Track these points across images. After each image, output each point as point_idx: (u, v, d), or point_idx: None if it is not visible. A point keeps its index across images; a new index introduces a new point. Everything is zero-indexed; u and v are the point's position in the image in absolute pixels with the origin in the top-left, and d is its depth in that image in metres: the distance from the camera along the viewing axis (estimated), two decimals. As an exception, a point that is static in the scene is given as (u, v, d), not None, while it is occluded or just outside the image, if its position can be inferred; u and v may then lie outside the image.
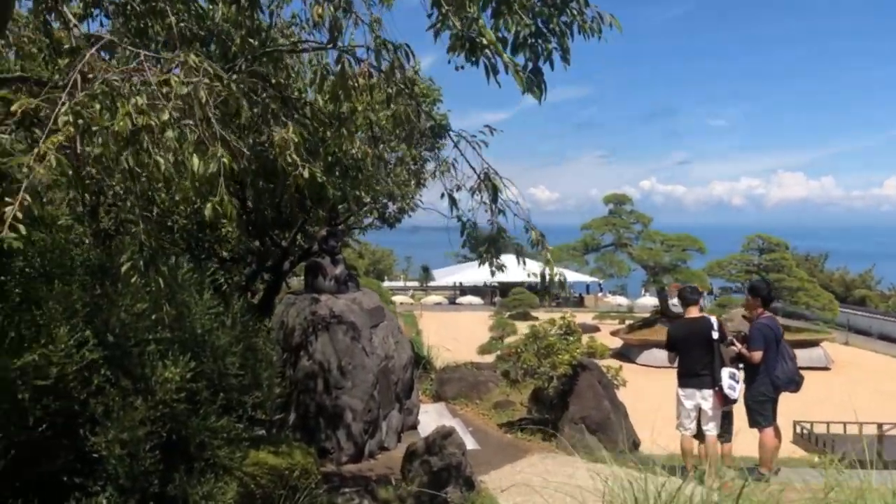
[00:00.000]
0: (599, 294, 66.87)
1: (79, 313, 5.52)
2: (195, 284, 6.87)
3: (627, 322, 44.56)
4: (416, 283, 71.92)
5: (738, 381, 8.34)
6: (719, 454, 8.30)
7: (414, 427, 11.08)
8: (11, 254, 6.16)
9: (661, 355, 34.46)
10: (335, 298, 10.12)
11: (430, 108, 12.30)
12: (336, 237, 10.62)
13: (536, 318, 40.82)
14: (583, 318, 39.91)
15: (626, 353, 35.30)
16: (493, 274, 5.56)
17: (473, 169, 5.48)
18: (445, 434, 7.81)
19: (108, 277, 6.06)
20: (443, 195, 5.76)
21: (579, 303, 62.95)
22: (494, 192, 5.31)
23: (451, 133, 5.53)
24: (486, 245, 5.20)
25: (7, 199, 3.55)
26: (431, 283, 69.49)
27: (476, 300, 61.12)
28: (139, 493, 5.46)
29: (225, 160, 4.27)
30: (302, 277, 17.48)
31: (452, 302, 62.94)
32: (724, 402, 8.25)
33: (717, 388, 8.16)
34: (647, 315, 42.71)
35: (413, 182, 11.74)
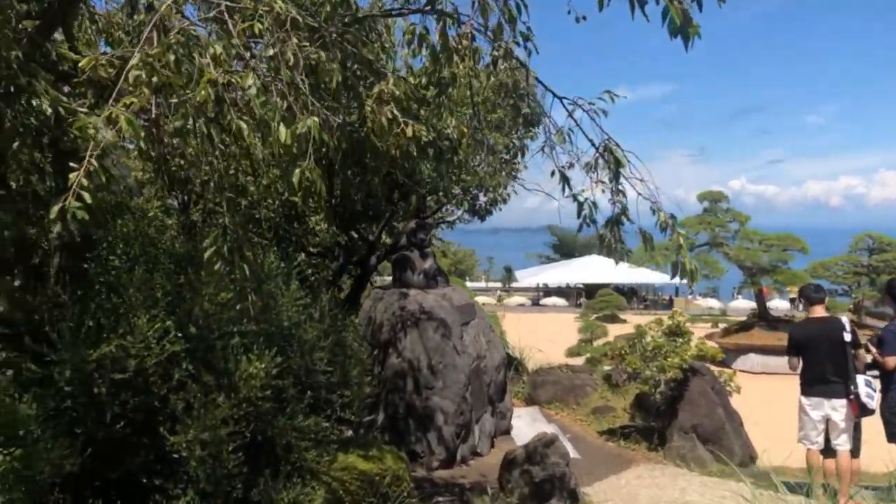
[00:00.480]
0: (689, 296, 64.16)
1: (160, 302, 5.14)
2: (282, 275, 6.45)
3: (721, 326, 42.40)
4: (498, 284, 71.12)
5: (875, 390, 7.25)
6: (852, 471, 7.26)
7: (507, 432, 10.42)
8: (95, 241, 5.88)
9: (759, 361, 32.45)
10: (424, 293, 9.58)
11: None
12: (425, 230, 10.09)
13: (625, 321, 39.37)
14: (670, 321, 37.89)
15: (722, 359, 33.43)
16: (616, 262, 4.83)
17: (591, 141, 4.78)
18: (547, 442, 7.12)
19: (191, 266, 5.69)
20: (553, 173, 5.07)
21: (668, 305, 60.54)
22: (617, 167, 4.59)
23: (564, 101, 4.84)
24: (609, 226, 4.49)
25: (72, 164, 3.13)
26: (514, 284, 68.56)
27: (560, 301, 59.78)
28: (221, 498, 5.02)
29: (314, 130, 3.75)
30: (385, 276, 17.14)
31: (536, 303, 61.83)
32: (861, 412, 7.19)
33: (851, 398, 7.10)
34: (744, 318, 40.48)
35: (504, 172, 11.09)
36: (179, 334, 5.06)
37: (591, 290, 54.64)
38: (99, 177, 3.03)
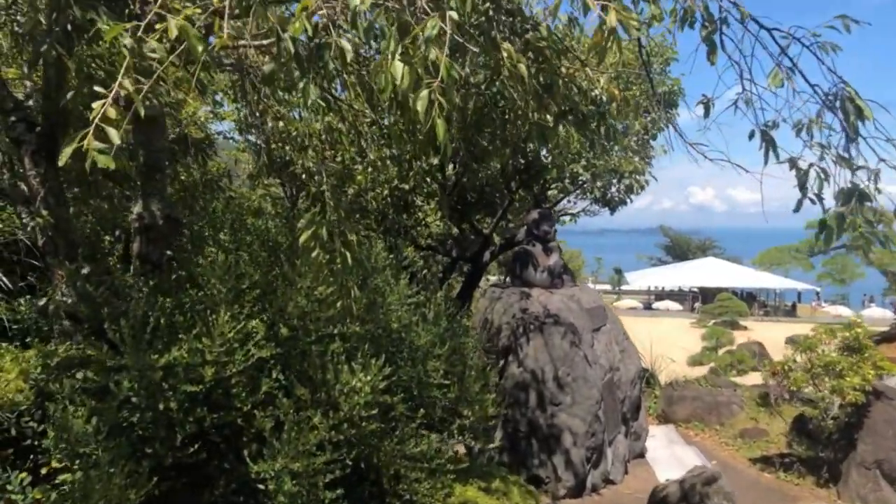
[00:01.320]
0: (814, 303, 59.19)
1: (246, 296, 4.23)
2: (391, 268, 5.44)
3: (859, 337, 38.33)
4: (607, 287, 68.66)
5: None
6: None
7: (641, 455, 9.03)
8: (183, 226, 5.07)
9: (910, 377, 28.92)
10: (549, 293, 8.37)
11: (661, 68, 10.20)
12: (549, 220, 8.87)
13: (745, 328, 36.45)
14: (798, 329, 34.98)
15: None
16: (865, 253, 3.46)
17: (814, 88, 3.43)
18: (708, 479, 5.77)
19: (285, 254, 4.76)
20: (751, 135, 3.75)
21: (791, 312, 56.09)
22: (857, 118, 3.24)
23: (775, 32, 3.51)
24: (851, 200, 3.16)
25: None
26: (624, 287, 65.95)
27: (674, 305, 56.60)
28: (316, 543, 4.06)
29: (443, 67, 2.70)
30: (492, 276, 15.97)
31: (648, 307, 59.00)
32: None
33: None
34: (886, 329, 36.49)
35: (639, 158, 9.71)
36: (269, 336, 4.12)
37: (706, 294, 51.60)
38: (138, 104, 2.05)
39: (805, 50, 3.41)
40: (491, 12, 4.30)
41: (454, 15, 2.85)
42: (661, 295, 61.74)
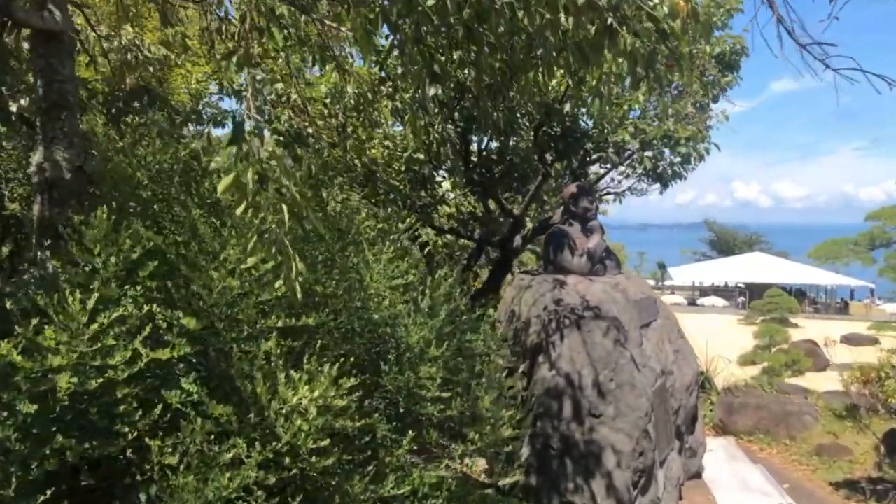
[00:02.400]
0: (867, 300, 56.16)
1: (142, 271, 2.97)
2: (377, 237, 4.13)
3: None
4: (650, 282, 67.12)
5: None
6: None
7: (698, 475, 7.58)
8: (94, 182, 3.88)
9: None
10: (588, 281, 6.98)
11: (723, 21, 8.71)
12: (590, 195, 7.46)
13: (796, 325, 34.39)
14: (852, 327, 32.94)
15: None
16: None
17: None
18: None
19: (226, 220, 3.47)
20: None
21: (843, 310, 53.28)
22: None
23: None
24: None
25: None
26: (667, 282, 64.11)
27: (719, 301, 54.42)
28: None
29: None
30: (530, 265, 14.52)
31: (692, 303, 56.90)
32: None
33: None
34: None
35: (696, 121, 8.23)
36: (171, 327, 2.86)
37: (752, 290, 49.41)
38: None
39: None
40: None
41: None
42: (706, 290, 59.68)
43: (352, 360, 3.17)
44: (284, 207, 2.61)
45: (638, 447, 6.21)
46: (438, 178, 8.89)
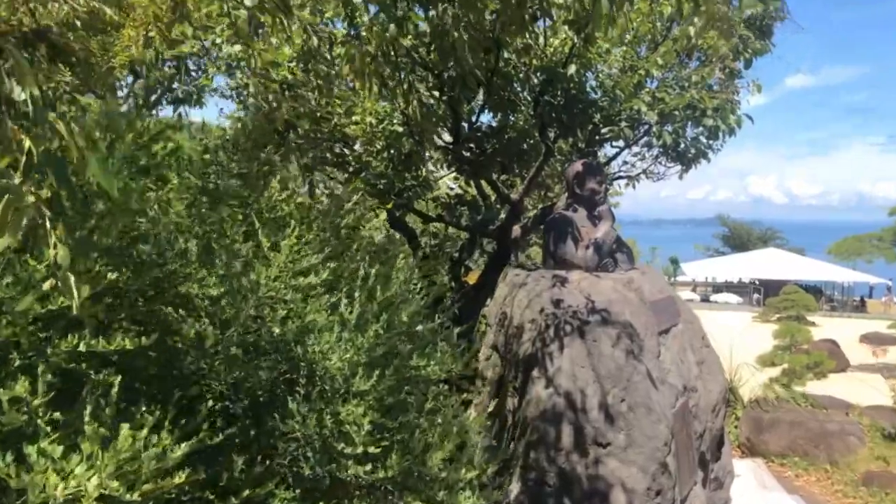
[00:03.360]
0: (885, 297, 54.44)
1: None
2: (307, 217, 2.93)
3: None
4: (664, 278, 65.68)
5: None
6: None
7: (724, 509, 6.39)
8: None
9: None
10: (595, 278, 5.78)
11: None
12: (598, 174, 6.25)
13: (813, 324, 33.04)
14: (872, 325, 31.57)
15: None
16: None
17: None
18: None
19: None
20: None
21: (860, 307, 51.64)
22: None
23: None
24: None
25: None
26: (680, 278, 62.90)
27: (733, 298, 53.05)
28: None
29: None
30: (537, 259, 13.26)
31: (705, 299, 55.53)
32: None
33: None
34: None
35: (724, 91, 7.00)
36: None
37: (767, 287, 48.05)
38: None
39: None
40: None
41: None
42: (719, 287, 58.39)
43: (209, 402, 1.99)
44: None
45: (655, 484, 5.01)
46: (424, 155, 7.70)
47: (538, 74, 6.52)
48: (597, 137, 7.16)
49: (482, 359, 6.08)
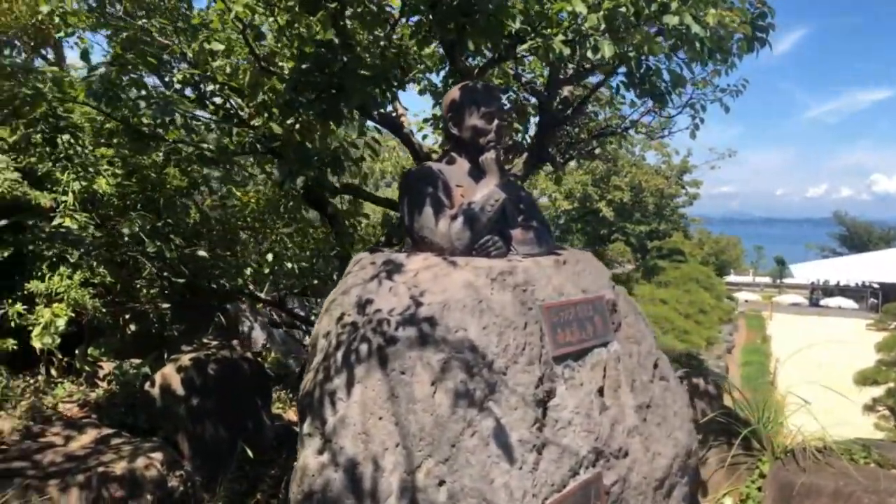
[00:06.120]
0: None
1: None
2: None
3: None
4: (767, 279, 61.38)
5: None
6: None
7: None
8: None
9: None
10: (447, 266, 3.46)
11: None
12: (485, 104, 3.89)
13: (940, 335, 28.27)
14: None
15: None
16: None
17: None
18: None
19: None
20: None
21: None
22: None
23: None
24: None
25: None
26: (787, 280, 58.10)
27: (847, 303, 47.94)
28: None
29: None
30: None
31: (815, 304, 50.42)
32: None
33: None
34: None
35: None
36: None
37: (888, 291, 43.57)
38: None
39: None
40: None
41: None
42: (832, 290, 53.28)
43: None
44: None
45: None
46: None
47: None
48: (516, 54, 4.79)
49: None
